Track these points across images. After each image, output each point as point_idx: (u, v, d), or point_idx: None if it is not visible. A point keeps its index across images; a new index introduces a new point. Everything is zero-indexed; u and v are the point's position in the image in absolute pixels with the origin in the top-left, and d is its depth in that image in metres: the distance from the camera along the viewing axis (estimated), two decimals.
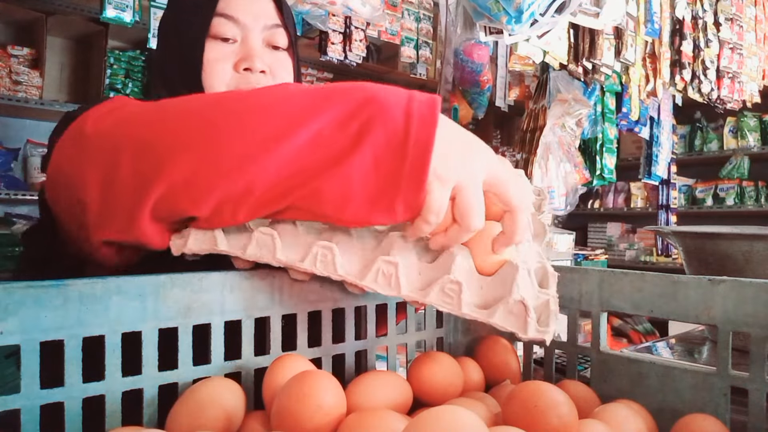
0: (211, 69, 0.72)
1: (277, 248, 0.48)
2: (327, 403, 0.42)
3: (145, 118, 0.48)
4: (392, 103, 0.43)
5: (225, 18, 0.72)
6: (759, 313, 0.50)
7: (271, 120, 0.44)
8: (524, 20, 1.51)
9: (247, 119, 0.44)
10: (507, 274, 0.48)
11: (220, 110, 0.46)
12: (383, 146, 0.42)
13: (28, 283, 0.40)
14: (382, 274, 0.48)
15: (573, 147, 2.41)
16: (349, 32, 2.21)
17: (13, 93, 2.32)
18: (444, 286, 0.47)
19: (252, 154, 0.43)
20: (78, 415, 0.42)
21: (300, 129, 0.43)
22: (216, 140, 0.44)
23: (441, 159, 0.42)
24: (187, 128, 0.45)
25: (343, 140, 0.42)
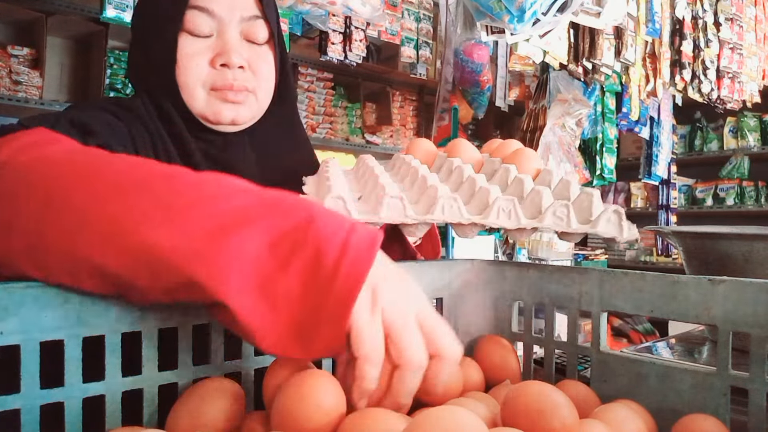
0: (186, 65, 0.69)
1: (406, 206, 0.56)
2: (327, 403, 0.42)
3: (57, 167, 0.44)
4: (331, 231, 0.40)
5: (199, 10, 0.69)
6: (759, 313, 0.50)
7: (202, 218, 0.39)
8: (526, 19, 1.51)
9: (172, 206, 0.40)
10: (584, 200, 0.58)
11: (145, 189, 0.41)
12: (311, 274, 0.39)
13: (28, 283, 0.40)
14: (502, 211, 0.57)
15: (573, 147, 2.41)
16: (349, 32, 2.21)
17: (13, 93, 2.31)
18: (556, 210, 0.56)
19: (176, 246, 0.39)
20: (78, 415, 0.42)
21: (228, 236, 0.39)
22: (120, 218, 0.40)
23: (380, 291, 0.41)
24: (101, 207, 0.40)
25: (271, 261, 0.39)
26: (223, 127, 0.74)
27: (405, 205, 0.56)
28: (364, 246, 0.40)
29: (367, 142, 3.45)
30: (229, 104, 0.72)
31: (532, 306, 0.67)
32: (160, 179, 0.42)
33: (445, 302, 0.70)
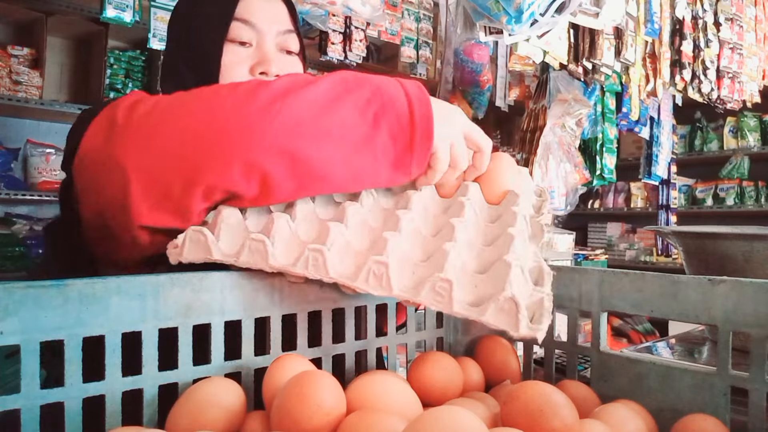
0: (228, 72, 0.73)
1: (269, 254, 0.49)
2: (327, 403, 0.42)
3: (188, 102, 0.52)
4: (393, 90, 0.55)
5: (242, 22, 0.73)
6: (759, 313, 0.50)
7: (305, 105, 0.51)
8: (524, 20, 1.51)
9: (283, 103, 0.51)
10: (500, 271, 0.48)
11: (251, 99, 0.51)
12: (396, 125, 0.54)
13: (28, 283, 0.40)
14: (373, 275, 0.48)
15: (573, 147, 2.40)
16: (349, 32, 2.20)
17: (13, 93, 2.31)
18: (435, 285, 0.47)
19: (292, 135, 0.50)
20: (78, 415, 0.42)
21: (328, 116, 0.51)
22: (253, 128, 0.50)
23: (439, 125, 0.55)
24: (224, 117, 0.50)
25: (364, 126, 0.53)
26: None
27: (268, 251, 0.49)
28: (419, 92, 0.56)
29: None
30: None
31: None
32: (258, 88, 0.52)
33: None
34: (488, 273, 0.50)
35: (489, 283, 0.49)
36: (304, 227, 0.55)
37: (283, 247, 0.51)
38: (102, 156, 0.52)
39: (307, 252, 0.49)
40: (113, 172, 0.51)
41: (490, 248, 0.55)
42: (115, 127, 0.52)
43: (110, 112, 0.53)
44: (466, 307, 0.47)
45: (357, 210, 0.56)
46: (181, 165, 0.50)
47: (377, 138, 0.53)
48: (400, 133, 0.54)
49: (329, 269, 0.48)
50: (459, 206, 0.59)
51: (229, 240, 0.51)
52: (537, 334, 0.45)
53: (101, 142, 0.52)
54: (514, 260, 0.49)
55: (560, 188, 2.33)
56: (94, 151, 0.53)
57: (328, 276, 0.48)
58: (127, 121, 0.52)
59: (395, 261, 0.49)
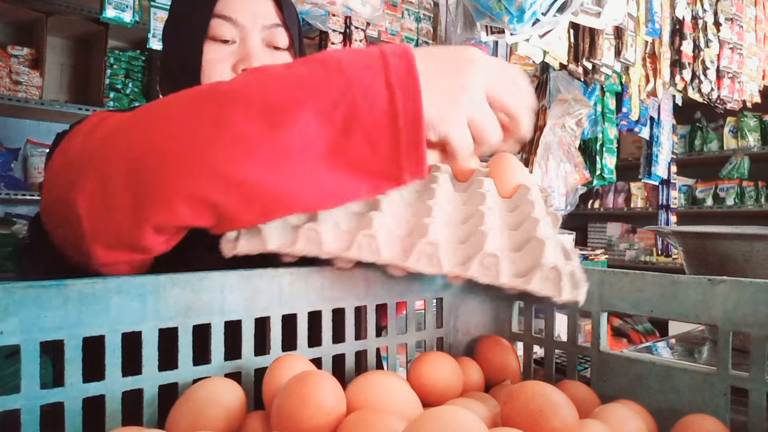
0: (210, 70, 0.71)
1: (324, 241, 0.51)
2: (327, 403, 0.42)
3: (129, 130, 0.46)
4: (368, 80, 0.42)
5: (223, 19, 0.72)
6: (759, 313, 0.50)
7: (253, 120, 0.42)
8: (526, 20, 1.51)
9: (227, 120, 0.42)
10: (535, 247, 0.52)
11: (200, 113, 0.44)
12: (373, 127, 0.42)
13: (28, 283, 0.40)
14: (424, 255, 0.51)
15: (573, 147, 2.41)
16: (349, 32, 2.20)
17: (13, 93, 2.31)
18: (483, 260, 0.50)
19: (240, 158, 0.42)
20: (78, 415, 0.42)
21: (283, 128, 0.42)
22: (191, 154, 0.43)
23: (443, 103, 0.44)
24: (172, 137, 0.44)
25: (332, 133, 0.42)
26: None
27: (322, 238, 0.51)
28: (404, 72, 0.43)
29: None
30: None
31: (532, 306, 0.67)
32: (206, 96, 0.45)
33: (445, 302, 0.70)
34: (524, 250, 0.53)
35: (527, 259, 0.52)
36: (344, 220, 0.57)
37: (332, 235, 0.53)
38: (57, 190, 0.50)
39: (360, 237, 0.51)
40: (67, 210, 0.48)
41: (518, 231, 0.57)
42: (68, 163, 0.48)
43: (66, 144, 0.50)
44: (512, 278, 0.50)
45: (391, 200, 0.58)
46: (124, 204, 0.45)
47: (349, 146, 0.43)
48: (380, 137, 0.43)
49: (381, 252, 0.51)
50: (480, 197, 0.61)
51: (282, 230, 0.53)
52: (579, 298, 0.49)
53: (57, 175, 0.50)
54: (546, 237, 0.52)
55: (560, 188, 2.33)
56: (52, 185, 0.51)
57: (381, 258, 0.51)
58: (79, 156, 0.48)
59: (441, 242, 0.52)
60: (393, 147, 0.43)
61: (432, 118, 0.44)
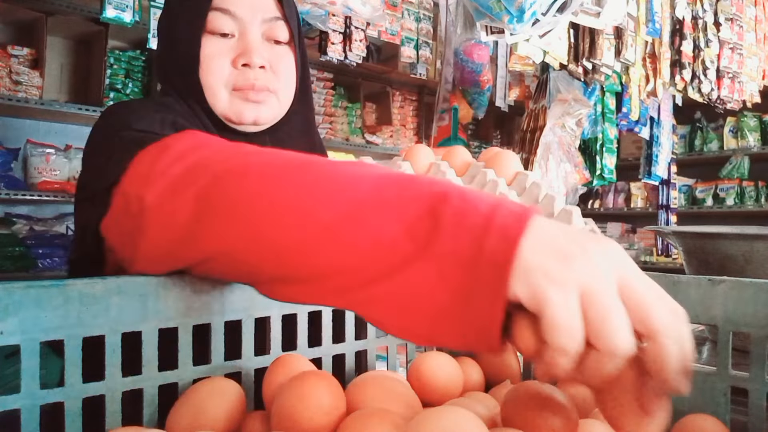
0: (209, 65, 0.71)
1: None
2: (327, 403, 0.42)
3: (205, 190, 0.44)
4: (470, 208, 0.35)
5: (221, 12, 0.71)
6: (759, 313, 0.50)
7: (334, 205, 0.38)
8: (526, 20, 1.51)
9: (309, 201, 0.39)
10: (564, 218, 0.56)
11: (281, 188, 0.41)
12: (450, 256, 0.34)
13: (28, 283, 0.40)
14: None
15: (573, 147, 2.40)
16: (349, 32, 2.20)
17: (13, 93, 2.31)
18: None
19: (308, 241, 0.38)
20: (78, 415, 0.42)
21: (362, 223, 0.37)
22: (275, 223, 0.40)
23: (553, 258, 0.33)
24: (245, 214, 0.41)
25: (407, 245, 0.36)
26: (246, 128, 0.74)
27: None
28: (513, 220, 0.34)
29: (367, 142, 3.45)
30: (251, 104, 0.72)
31: None
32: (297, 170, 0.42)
33: None
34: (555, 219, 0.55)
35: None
36: None
37: None
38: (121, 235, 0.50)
39: None
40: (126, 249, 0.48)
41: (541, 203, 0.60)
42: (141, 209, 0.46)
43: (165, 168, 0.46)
44: None
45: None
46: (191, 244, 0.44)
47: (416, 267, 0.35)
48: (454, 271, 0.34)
49: None
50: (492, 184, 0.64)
51: None
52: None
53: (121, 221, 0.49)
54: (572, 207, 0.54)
55: (560, 188, 2.33)
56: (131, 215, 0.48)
57: None
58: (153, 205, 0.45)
59: None
60: (463, 285, 0.34)
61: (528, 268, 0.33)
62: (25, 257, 2.34)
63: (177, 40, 0.73)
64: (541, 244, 0.33)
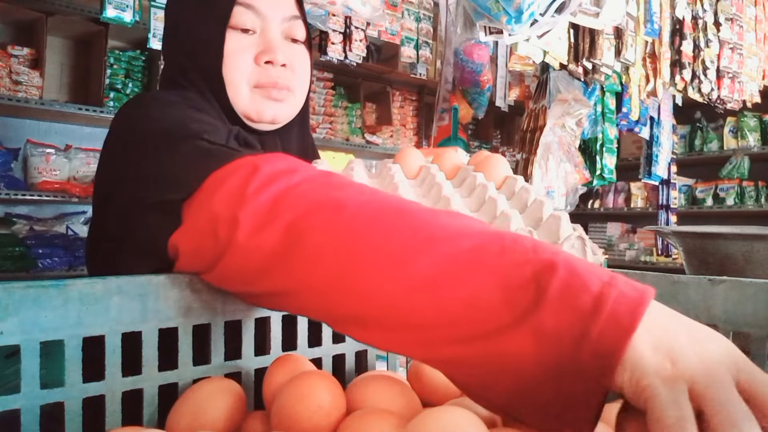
0: (232, 61, 0.69)
1: None
2: (327, 403, 0.42)
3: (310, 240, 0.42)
4: (580, 284, 0.33)
5: (245, 7, 0.70)
6: (759, 313, 0.50)
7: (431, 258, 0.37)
8: (524, 20, 1.51)
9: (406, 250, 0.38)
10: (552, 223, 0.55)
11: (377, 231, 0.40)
12: (551, 333, 0.32)
13: (28, 283, 0.40)
14: None
15: (573, 147, 2.40)
16: (349, 32, 2.20)
17: (13, 93, 2.31)
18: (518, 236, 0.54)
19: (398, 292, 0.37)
20: (78, 415, 0.42)
21: (459, 282, 0.36)
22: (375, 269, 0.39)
23: (663, 353, 0.31)
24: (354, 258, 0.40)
25: (505, 313, 0.34)
26: (263, 126, 0.74)
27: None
28: (625, 305, 0.32)
29: (367, 142, 3.44)
30: (272, 102, 0.72)
31: None
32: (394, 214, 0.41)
33: None
34: (542, 228, 0.55)
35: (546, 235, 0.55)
36: None
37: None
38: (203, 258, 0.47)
39: None
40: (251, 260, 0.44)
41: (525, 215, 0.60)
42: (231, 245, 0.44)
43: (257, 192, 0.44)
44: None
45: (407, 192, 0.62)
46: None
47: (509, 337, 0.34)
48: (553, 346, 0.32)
49: None
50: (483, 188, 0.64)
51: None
52: (602, 260, 0.53)
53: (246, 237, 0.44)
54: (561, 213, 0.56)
55: (560, 188, 2.33)
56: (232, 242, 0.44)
57: None
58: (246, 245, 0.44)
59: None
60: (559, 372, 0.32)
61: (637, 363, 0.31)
62: (25, 257, 2.34)
63: (200, 33, 0.70)
64: (653, 337, 0.31)
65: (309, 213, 0.42)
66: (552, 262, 0.34)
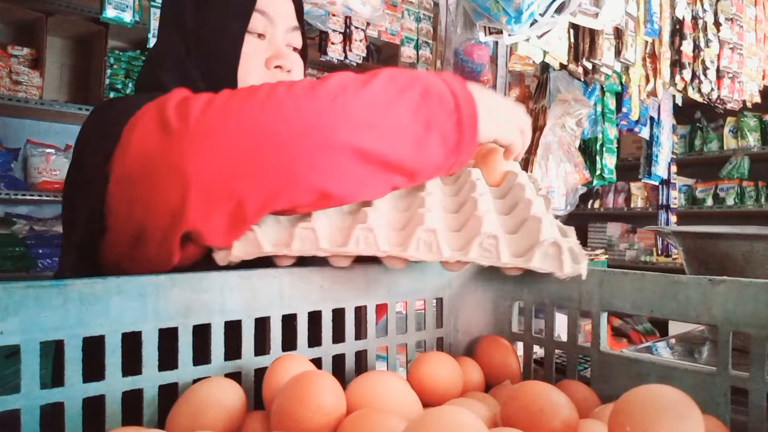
0: (248, 64, 0.71)
1: (320, 238, 0.51)
2: (327, 403, 0.42)
3: (239, 106, 0.51)
4: (441, 92, 0.55)
5: (261, 14, 0.73)
6: (759, 313, 0.50)
7: (361, 106, 0.52)
8: (524, 20, 1.51)
9: (339, 105, 0.51)
10: (532, 226, 0.52)
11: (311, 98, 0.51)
12: (446, 130, 0.54)
13: (28, 283, 0.40)
14: (423, 243, 0.51)
15: (573, 147, 2.40)
16: (349, 32, 2.20)
17: (13, 93, 2.31)
18: (483, 242, 0.50)
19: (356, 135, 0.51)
20: (78, 415, 0.42)
21: (386, 116, 0.52)
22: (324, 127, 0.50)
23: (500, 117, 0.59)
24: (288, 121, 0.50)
25: (418, 128, 0.53)
26: None
27: (318, 236, 0.51)
28: (466, 92, 0.56)
29: None
30: None
31: (532, 306, 0.67)
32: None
33: (445, 302, 0.70)
34: (521, 231, 0.53)
35: (525, 238, 0.52)
36: (337, 218, 0.56)
37: (327, 233, 0.53)
38: (155, 160, 0.50)
39: (357, 231, 0.51)
40: (170, 176, 0.49)
41: (512, 215, 0.57)
42: (170, 129, 0.50)
43: (158, 114, 0.51)
44: (513, 258, 0.50)
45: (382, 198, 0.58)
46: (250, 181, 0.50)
47: (429, 141, 0.53)
48: (449, 138, 0.54)
49: (380, 244, 0.51)
50: (471, 185, 0.62)
51: (276, 231, 0.53)
52: (582, 271, 0.49)
53: (155, 147, 0.50)
54: (543, 214, 0.52)
55: (560, 188, 2.33)
56: (147, 158, 0.51)
57: (380, 250, 0.51)
58: (183, 123, 0.50)
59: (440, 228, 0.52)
60: (456, 144, 0.55)
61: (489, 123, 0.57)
62: (25, 257, 2.34)
63: (213, 35, 0.71)
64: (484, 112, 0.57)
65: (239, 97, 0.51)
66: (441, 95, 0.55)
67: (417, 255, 0.51)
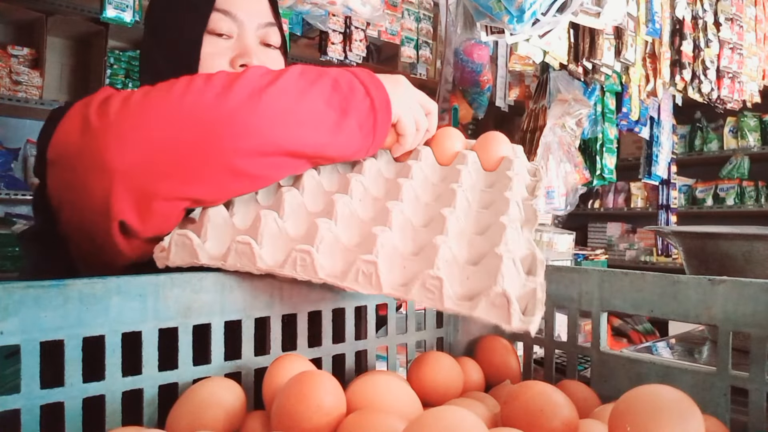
0: (208, 65, 0.71)
1: (257, 256, 0.48)
2: (327, 403, 0.42)
3: (157, 100, 0.51)
4: (350, 81, 0.58)
5: (222, 14, 0.72)
6: (759, 313, 0.50)
7: (279, 98, 0.53)
8: (526, 20, 1.51)
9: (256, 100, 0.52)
10: (491, 264, 0.47)
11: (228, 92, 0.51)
12: (362, 113, 0.58)
13: (28, 283, 0.40)
14: (362, 274, 0.47)
15: (573, 147, 2.40)
16: (349, 32, 2.21)
17: (13, 93, 2.31)
18: (425, 282, 0.45)
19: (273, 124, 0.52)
20: (78, 415, 0.42)
21: (302, 105, 0.54)
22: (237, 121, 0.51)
23: (396, 101, 0.61)
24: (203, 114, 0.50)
25: (334, 114, 0.56)
26: None
27: (255, 253, 0.48)
28: (373, 80, 0.60)
29: None
30: None
31: None
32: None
33: None
34: (480, 265, 0.49)
35: (481, 276, 0.48)
36: (292, 223, 0.54)
37: (270, 247, 0.50)
38: (78, 156, 0.51)
39: (295, 253, 0.47)
40: (94, 171, 0.49)
41: (482, 238, 0.54)
42: (90, 126, 0.50)
43: (82, 110, 0.52)
44: (457, 303, 0.45)
45: (347, 203, 0.56)
46: (167, 171, 0.50)
47: (346, 125, 0.57)
48: (366, 120, 0.58)
49: (318, 270, 0.47)
50: (450, 193, 0.60)
51: (215, 242, 0.51)
52: (530, 327, 0.43)
53: (76, 142, 0.51)
54: (506, 252, 0.48)
55: (560, 188, 2.33)
56: (70, 152, 0.51)
57: (317, 277, 0.47)
58: (103, 119, 0.50)
59: (385, 258, 0.48)
60: (372, 125, 0.59)
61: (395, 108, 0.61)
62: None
63: (177, 37, 0.72)
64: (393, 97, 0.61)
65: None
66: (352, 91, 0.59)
67: (355, 287, 0.47)
